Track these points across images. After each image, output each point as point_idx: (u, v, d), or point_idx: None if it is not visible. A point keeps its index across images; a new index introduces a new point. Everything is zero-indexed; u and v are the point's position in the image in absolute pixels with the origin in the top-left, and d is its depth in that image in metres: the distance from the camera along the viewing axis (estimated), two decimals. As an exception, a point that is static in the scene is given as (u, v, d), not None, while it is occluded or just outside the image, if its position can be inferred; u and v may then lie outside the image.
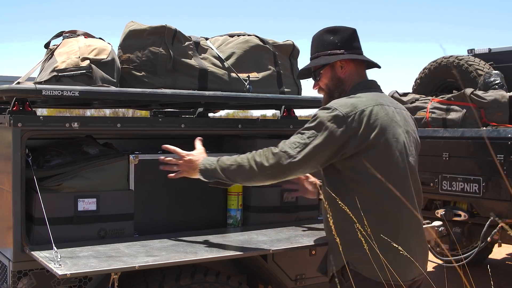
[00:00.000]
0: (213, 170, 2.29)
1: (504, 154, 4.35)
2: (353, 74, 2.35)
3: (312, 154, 2.15)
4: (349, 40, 2.36)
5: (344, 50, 2.33)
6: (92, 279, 2.39)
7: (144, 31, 2.84)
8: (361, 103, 2.19)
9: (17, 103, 2.34)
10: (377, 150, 2.16)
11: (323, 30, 2.40)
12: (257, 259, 2.68)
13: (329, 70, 2.35)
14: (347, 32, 2.37)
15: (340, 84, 2.34)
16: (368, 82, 2.38)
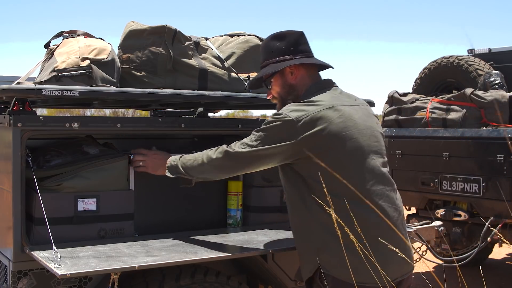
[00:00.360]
0: (176, 166, 2.41)
1: (504, 154, 4.35)
2: (304, 79, 2.32)
3: (257, 153, 2.19)
4: (296, 44, 2.32)
5: (291, 55, 2.30)
6: (92, 279, 2.39)
7: (144, 31, 2.84)
8: (313, 107, 2.16)
9: (17, 103, 2.34)
10: (335, 152, 2.13)
11: (270, 36, 2.38)
12: (257, 259, 2.68)
13: (279, 78, 2.33)
14: (293, 37, 2.33)
15: (292, 90, 2.32)
16: (321, 83, 2.33)
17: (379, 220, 2.08)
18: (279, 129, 2.15)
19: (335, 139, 2.13)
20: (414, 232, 3.12)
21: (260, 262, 2.71)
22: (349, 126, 2.17)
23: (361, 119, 2.23)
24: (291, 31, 2.36)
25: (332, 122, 2.13)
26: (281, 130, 2.14)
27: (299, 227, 2.24)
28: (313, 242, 2.16)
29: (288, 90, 2.32)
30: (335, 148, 2.13)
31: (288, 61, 2.29)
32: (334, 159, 2.12)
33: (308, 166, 2.14)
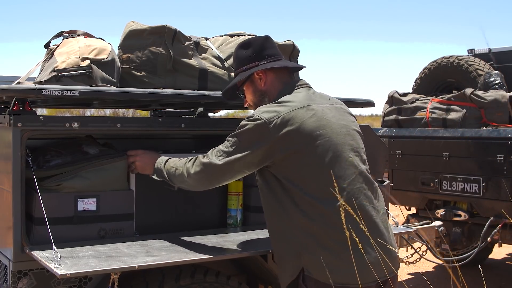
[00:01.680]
0: (161, 170, 2.40)
1: (504, 154, 4.35)
2: (274, 83, 2.31)
3: (234, 161, 2.16)
4: (262, 50, 2.32)
5: (258, 61, 2.31)
6: (92, 279, 2.39)
7: (144, 31, 2.84)
8: (284, 108, 2.14)
9: (17, 103, 2.34)
10: (308, 153, 2.11)
11: (238, 46, 2.41)
12: (257, 259, 2.68)
13: (250, 85, 2.34)
14: (258, 42, 2.34)
15: (263, 96, 2.32)
16: (293, 84, 2.31)
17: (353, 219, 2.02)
18: (253, 133, 2.14)
19: (309, 138, 2.11)
20: (414, 232, 3.12)
21: (260, 262, 2.71)
22: (322, 125, 2.15)
23: (335, 118, 2.22)
24: (256, 38, 2.40)
25: (304, 121, 2.12)
26: (254, 134, 2.13)
27: (277, 231, 2.20)
28: (293, 245, 2.13)
29: (259, 96, 2.34)
30: (308, 148, 2.11)
31: (254, 68, 2.30)
32: (308, 158, 2.11)
33: (284, 168, 2.14)
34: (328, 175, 2.08)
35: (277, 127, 2.10)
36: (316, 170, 2.10)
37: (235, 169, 2.19)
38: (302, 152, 2.11)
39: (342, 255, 2.03)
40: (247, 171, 2.23)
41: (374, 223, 2.15)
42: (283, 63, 2.34)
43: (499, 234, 4.57)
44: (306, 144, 2.11)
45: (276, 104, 2.18)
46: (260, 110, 2.17)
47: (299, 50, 3.31)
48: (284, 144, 2.10)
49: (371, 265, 2.06)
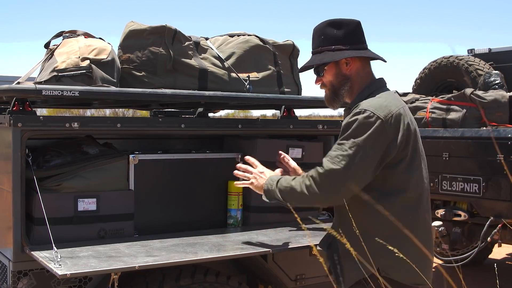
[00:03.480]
0: (273, 191, 2.22)
1: (504, 154, 4.35)
2: (359, 71, 2.21)
3: (359, 164, 2.01)
4: (354, 35, 2.22)
5: (349, 45, 2.19)
6: (92, 279, 2.39)
7: (144, 31, 2.84)
8: (391, 104, 2.08)
9: (17, 103, 2.34)
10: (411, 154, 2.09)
11: (326, 22, 2.24)
12: (257, 259, 2.68)
13: (334, 67, 2.21)
14: (351, 26, 2.21)
15: (345, 81, 2.21)
16: (382, 81, 2.25)
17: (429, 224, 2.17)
18: (373, 131, 2.02)
19: (413, 138, 2.10)
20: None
21: (260, 262, 2.71)
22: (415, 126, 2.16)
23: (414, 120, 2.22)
24: (349, 20, 2.23)
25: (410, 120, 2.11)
26: (375, 132, 2.02)
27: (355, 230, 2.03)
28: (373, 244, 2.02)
29: (341, 80, 2.21)
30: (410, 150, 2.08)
31: (345, 52, 2.18)
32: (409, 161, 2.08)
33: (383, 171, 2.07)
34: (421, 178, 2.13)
35: (392, 125, 2.03)
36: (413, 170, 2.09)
37: (362, 172, 2.03)
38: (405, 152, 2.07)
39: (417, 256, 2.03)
40: (372, 175, 2.05)
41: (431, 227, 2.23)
42: (372, 54, 2.24)
43: (499, 234, 4.56)
44: (410, 142, 2.08)
45: (382, 99, 2.10)
46: (372, 106, 2.05)
47: (299, 50, 3.32)
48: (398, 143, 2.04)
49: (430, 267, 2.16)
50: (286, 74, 3.22)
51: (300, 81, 3.32)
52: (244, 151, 2.92)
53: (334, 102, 2.26)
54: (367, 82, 2.21)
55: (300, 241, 2.52)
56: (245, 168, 2.38)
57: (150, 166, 2.65)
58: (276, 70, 3.16)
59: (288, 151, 2.94)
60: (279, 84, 3.16)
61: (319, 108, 4.12)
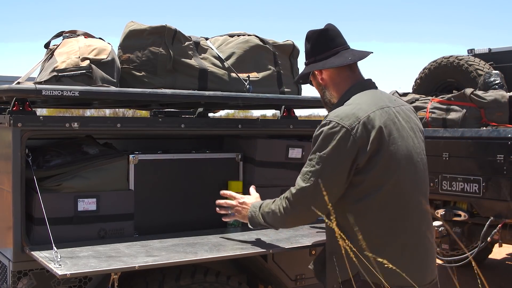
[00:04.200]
0: (257, 218, 2.28)
1: (504, 154, 4.35)
2: (333, 78, 2.24)
3: (327, 179, 2.02)
4: (318, 45, 2.25)
5: (315, 56, 2.25)
6: (92, 279, 2.39)
7: (144, 31, 2.84)
8: (361, 110, 2.06)
9: (17, 103, 2.34)
10: (385, 158, 2.05)
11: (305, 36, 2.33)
12: (257, 259, 2.68)
13: (313, 79, 2.30)
14: (314, 37, 2.27)
15: (324, 90, 2.27)
16: (361, 84, 2.24)
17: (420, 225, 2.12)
18: (338, 142, 2.02)
19: (388, 141, 2.06)
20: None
21: (260, 262, 2.71)
22: (397, 128, 2.11)
23: (404, 120, 2.18)
24: (313, 31, 2.28)
25: (384, 123, 2.07)
26: (339, 143, 2.02)
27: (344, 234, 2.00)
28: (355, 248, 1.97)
29: (321, 89, 2.29)
30: (386, 153, 2.05)
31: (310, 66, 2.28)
32: (385, 164, 2.05)
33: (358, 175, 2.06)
34: (399, 180, 2.07)
35: (359, 131, 2.02)
36: (389, 175, 2.05)
37: (332, 185, 2.03)
38: (381, 155, 2.04)
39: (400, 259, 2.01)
40: (343, 186, 2.06)
41: (429, 228, 2.18)
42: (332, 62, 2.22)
43: (499, 234, 4.56)
44: (386, 147, 2.05)
45: (351, 106, 2.09)
46: (337, 116, 2.06)
47: (299, 50, 3.32)
48: (368, 148, 2.02)
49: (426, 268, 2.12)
50: (286, 74, 3.23)
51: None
52: (244, 151, 2.92)
53: (327, 108, 2.32)
54: (345, 87, 2.22)
55: (300, 241, 2.52)
56: (224, 202, 2.46)
57: (150, 166, 2.65)
58: (276, 70, 3.17)
59: (288, 151, 2.95)
60: (279, 84, 3.17)
61: (319, 108, 4.12)
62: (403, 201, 2.09)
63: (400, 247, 2.07)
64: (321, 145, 2.05)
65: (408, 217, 2.10)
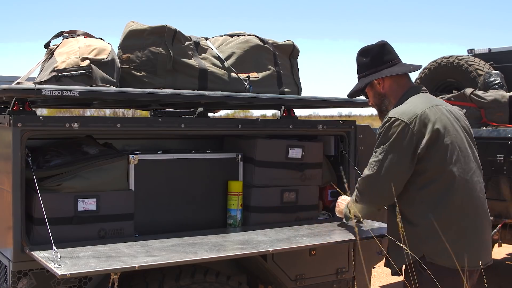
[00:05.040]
0: (346, 212, 2.63)
1: (504, 154, 4.35)
2: (392, 86, 2.53)
3: (390, 166, 2.34)
4: (378, 58, 2.54)
5: (375, 68, 2.54)
6: (92, 279, 2.39)
7: (144, 31, 2.84)
8: (417, 107, 2.36)
9: (17, 103, 2.34)
10: (443, 148, 2.31)
11: (358, 53, 2.62)
12: (257, 259, 2.68)
13: (371, 89, 2.58)
14: (375, 50, 2.56)
15: (383, 98, 2.56)
16: (415, 88, 2.54)
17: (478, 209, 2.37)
18: (398, 134, 2.32)
19: (443, 134, 2.33)
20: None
21: (260, 262, 2.71)
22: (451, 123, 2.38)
23: (453, 118, 2.43)
24: (372, 46, 2.58)
25: (438, 118, 2.34)
26: (399, 135, 2.32)
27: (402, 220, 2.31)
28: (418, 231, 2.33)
29: (380, 98, 2.57)
30: (441, 142, 2.32)
31: (373, 75, 2.53)
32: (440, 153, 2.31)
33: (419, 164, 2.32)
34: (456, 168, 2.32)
35: (417, 125, 2.31)
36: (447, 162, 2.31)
37: (395, 173, 2.34)
38: (438, 146, 2.31)
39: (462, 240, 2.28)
40: (406, 173, 2.35)
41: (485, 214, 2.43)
42: (397, 70, 2.53)
43: (499, 234, 4.56)
44: (443, 138, 2.32)
45: (408, 105, 2.39)
46: (396, 113, 2.36)
47: (299, 50, 3.32)
48: (426, 140, 2.30)
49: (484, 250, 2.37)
50: (286, 74, 3.23)
51: (300, 81, 3.32)
52: (244, 151, 2.92)
53: (382, 117, 2.56)
54: (402, 92, 2.52)
55: (300, 241, 2.52)
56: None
57: (150, 166, 2.65)
58: (276, 70, 3.17)
59: (288, 151, 2.95)
60: (279, 84, 3.17)
61: (319, 108, 4.12)
62: (462, 187, 2.32)
63: (462, 230, 2.30)
64: (384, 137, 2.37)
65: (468, 202, 2.34)
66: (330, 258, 2.97)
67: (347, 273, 3.07)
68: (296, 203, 2.98)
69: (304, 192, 3.01)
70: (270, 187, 2.91)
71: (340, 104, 3.23)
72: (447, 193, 2.31)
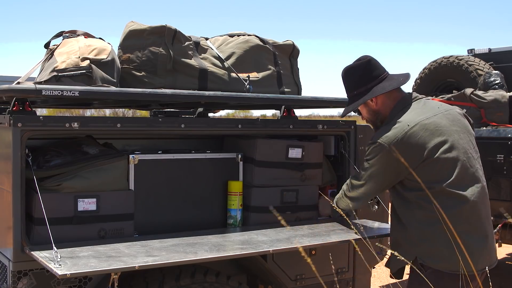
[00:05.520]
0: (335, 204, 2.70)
1: (504, 154, 4.35)
2: (385, 101, 2.52)
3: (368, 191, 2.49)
4: (366, 74, 2.52)
5: (364, 86, 2.50)
6: (92, 279, 2.39)
7: (144, 31, 2.84)
8: (400, 128, 2.36)
9: (17, 103, 2.34)
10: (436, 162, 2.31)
11: (344, 70, 2.59)
12: (257, 259, 2.68)
13: (364, 107, 2.57)
14: (361, 67, 2.53)
15: (377, 114, 2.56)
16: (402, 101, 2.50)
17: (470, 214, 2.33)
18: (379, 159, 2.38)
19: (429, 149, 2.32)
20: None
21: (260, 262, 2.71)
22: (443, 134, 2.37)
23: (451, 125, 2.42)
24: (358, 63, 2.55)
25: (420, 137, 2.34)
26: (380, 159, 2.38)
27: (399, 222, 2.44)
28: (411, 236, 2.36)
29: (374, 115, 2.57)
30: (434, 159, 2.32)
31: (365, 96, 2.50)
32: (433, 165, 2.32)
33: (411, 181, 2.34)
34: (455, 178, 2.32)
35: (399, 146, 2.32)
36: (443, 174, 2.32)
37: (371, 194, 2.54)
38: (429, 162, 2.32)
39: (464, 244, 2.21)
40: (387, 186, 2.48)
41: (487, 218, 2.41)
42: (388, 85, 2.50)
43: (499, 234, 4.56)
44: (429, 154, 2.32)
45: (391, 126, 2.40)
46: (379, 136, 2.40)
47: (299, 50, 3.32)
48: (410, 159, 2.29)
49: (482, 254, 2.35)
50: (286, 74, 3.23)
51: (300, 81, 3.32)
52: (244, 151, 2.92)
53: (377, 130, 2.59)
54: (392, 106, 2.51)
55: (300, 241, 2.52)
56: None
57: (150, 166, 2.65)
58: (276, 70, 3.17)
59: (288, 151, 2.95)
60: (279, 84, 3.17)
61: (319, 108, 4.12)
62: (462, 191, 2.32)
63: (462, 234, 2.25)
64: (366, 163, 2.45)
65: (468, 205, 2.32)
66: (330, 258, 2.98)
67: (347, 273, 3.07)
68: (296, 203, 2.98)
69: (304, 192, 3.01)
70: (270, 187, 2.91)
71: (340, 104, 3.22)
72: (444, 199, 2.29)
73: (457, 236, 2.20)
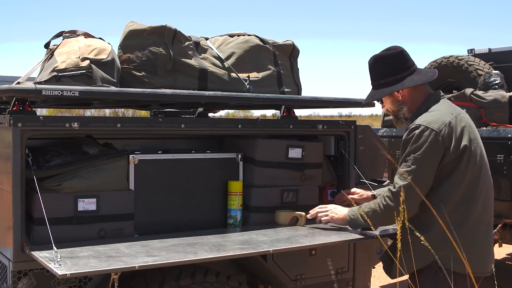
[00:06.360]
0: (356, 219, 2.57)
1: (504, 154, 4.35)
2: (411, 94, 2.53)
3: (422, 175, 2.36)
4: (396, 65, 2.51)
5: (394, 76, 2.50)
6: (92, 279, 2.39)
7: (144, 31, 2.84)
8: (445, 116, 2.39)
9: (17, 103, 2.34)
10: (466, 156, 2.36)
11: (373, 58, 2.57)
12: (257, 259, 2.68)
13: (388, 97, 2.57)
14: (392, 57, 2.53)
15: (402, 106, 2.55)
16: (435, 95, 2.54)
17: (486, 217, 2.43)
18: (430, 143, 2.34)
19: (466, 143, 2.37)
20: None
21: (260, 262, 2.71)
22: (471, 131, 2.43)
23: (473, 125, 2.50)
24: (389, 52, 2.54)
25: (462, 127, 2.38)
26: (430, 144, 2.34)
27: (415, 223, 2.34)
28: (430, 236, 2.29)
29: (398, 106, 2.57)
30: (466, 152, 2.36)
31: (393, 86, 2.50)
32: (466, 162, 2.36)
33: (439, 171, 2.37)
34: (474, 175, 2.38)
35: (446, 134, 2.35)
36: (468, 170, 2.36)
37: (424, 180, 2.38)
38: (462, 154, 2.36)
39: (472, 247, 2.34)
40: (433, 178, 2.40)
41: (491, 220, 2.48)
42: (418, 79, 2.50)
43: (499, 234, 4.56)
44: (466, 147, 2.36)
45: (435, 113, 2.41)
46: (426, 121, 2.38)
47: (299, 50, 3.32)
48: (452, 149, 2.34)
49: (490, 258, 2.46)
50: (286, 74, 3.23)
51: (300, 81, 3.32)
52: (244, 151, 2.92)
53: (398, 123, 2.63)
54: (422, 99, 2.52)
55: (300, 241, 2.52)
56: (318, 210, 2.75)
57: (150, 166, 2.65)
58: (276, 70, 3.17)
59: (288, 151, 2.95)
60: (279, 84, 3.17)
61: (319, 108, 4.12)
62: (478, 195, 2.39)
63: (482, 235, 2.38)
64: (414, 146, 2.38)
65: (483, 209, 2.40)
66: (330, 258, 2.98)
67: (347, 273, 3.07)
68: (296, 203, 2.98)
69: (304, 192, 3.01)
70: (270, 187, 2.92)
71: (340, 104, 3.23)
72: (460, 201, 2.36)
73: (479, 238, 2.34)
